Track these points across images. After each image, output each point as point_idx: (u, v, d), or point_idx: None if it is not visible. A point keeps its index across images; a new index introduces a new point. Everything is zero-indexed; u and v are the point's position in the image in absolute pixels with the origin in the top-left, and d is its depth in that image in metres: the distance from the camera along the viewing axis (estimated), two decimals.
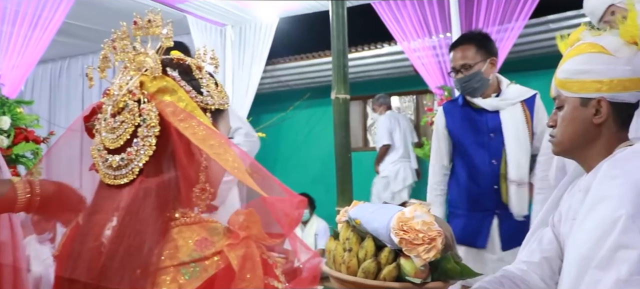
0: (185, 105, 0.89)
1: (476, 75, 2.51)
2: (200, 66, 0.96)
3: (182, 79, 0.91)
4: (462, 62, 2.52)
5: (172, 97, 0.88)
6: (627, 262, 1.08)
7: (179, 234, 0.82)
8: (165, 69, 0.90)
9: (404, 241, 1.13)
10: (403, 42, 4.85)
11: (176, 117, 0.86)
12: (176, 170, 0.85)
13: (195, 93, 0.91)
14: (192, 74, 0.93)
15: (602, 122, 1.30)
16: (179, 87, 0.89)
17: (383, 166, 6.06)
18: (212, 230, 0.83)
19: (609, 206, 1.14)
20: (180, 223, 0.84)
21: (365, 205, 1.34)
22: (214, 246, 0.80)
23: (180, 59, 0.95)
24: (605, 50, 1.30)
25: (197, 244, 0.80)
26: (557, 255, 1.42)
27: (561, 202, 1.46)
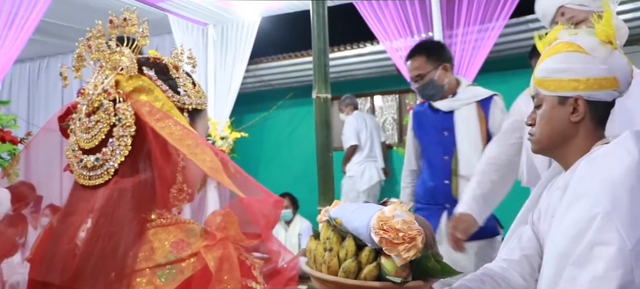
0: (162, 104, 0.87)
1: (430, 83, 2.72)
2: (177, 65, 0.95)
3: (159, 78, 0.89)
4: (416, 73, 2.72)
5: (148, 97, 0.87)
6: (603, 259, 1.09)
7: (155, 236, 0.80)
8: (141, 68, 0.89)
9: (384, 241, 1.13)
10: (385, 41, 4.86)
11: (152, 116, 0.84)
12: (152, 170, 0.84)
13: (172, 92, 0.90)
14: (169, 73, 0.92)
15: (580, 120, 1.31)
16: (156, 87, 0.88)
17: (349, 166, 6.18)
18: (188, 231, 0.82)
19: (586, 203, 1.16)
20: (156, 224, 0.82)
21: (345, 204, 1.34)
22: (190, 247, 0.79)
23: (156, 58, 0.94)
24: (582, 50, 1.32)
25: (173, 245, 0.79)
26: (537, 253, 1.44)
27: (540, 200, 1.47)
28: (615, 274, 1.08)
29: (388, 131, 6.93)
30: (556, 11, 1.84)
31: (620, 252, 1.08)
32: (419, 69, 2.71)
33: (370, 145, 6.19)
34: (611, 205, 1.12)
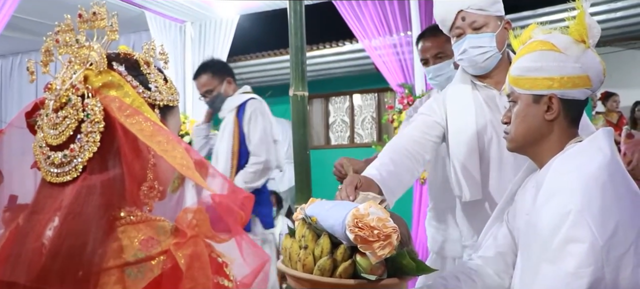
0: (132, 100, 0.86)
1: (218, 97, 3.25)
2: (149, 61, 0.93)
3: (129, 74, 0.88)
4: (205, 89, 3.22)
5: (118, 92, 0.85)
6: (575, 256, 1.11)
7: (124, 234, 0.79)
8: (111, 63, 0.87)
9: (359, 238, 1.13)
10: (364, 40, 4.87)
11: (122, 112, 0.83)
12: (122, 167, 0.82)
13: (143, 88, 0.88)
14: (140, 69, 0.91)
15: (554, 118, 1.33)
16: (126, 82, 0.86)
17: None
18: (159, 229, 0.81)
19: (559, 201, 1.17)
20: (125, 222, 0.81)
21: (322, 202, 1.33)
22: (160, 245, 0.78)
23: (127, 54, 0.92)
24: (556, 48, 1.33)
25: (142, 243, 0.78)
26: (512, 250, 1.45)
27: (516, 198, 1.48)
28: (586, 271, 1.09)
29: (367, 130, 6.95)
30: (456, 16, 1.83)
31: (592, 249, 1.10)
32: (207, 86, 3.21)
33: (287, 147, 6.25)
34: (583, 202, 1.13)
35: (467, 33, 1.82)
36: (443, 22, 1.90)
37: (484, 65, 1.83)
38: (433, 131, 1.86)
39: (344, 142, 7.10)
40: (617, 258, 1.11)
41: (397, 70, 4.75)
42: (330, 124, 7.22)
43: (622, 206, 1.16)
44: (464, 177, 1.81)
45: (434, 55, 2.37)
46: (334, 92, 7.02)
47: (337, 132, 7.17)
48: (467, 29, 1.82)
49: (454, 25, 1.84)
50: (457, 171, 1.83)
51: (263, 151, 3.14)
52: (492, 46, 1.80)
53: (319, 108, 7.22)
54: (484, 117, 1.83)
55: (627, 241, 1.12)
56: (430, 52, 2.38)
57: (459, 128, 1.85)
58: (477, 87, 1.89)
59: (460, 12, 1.82)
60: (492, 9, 1.82)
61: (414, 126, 1.87)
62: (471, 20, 1.80)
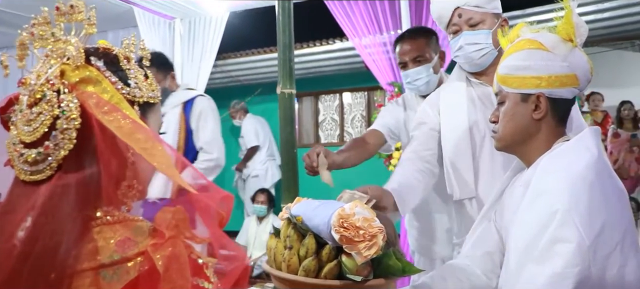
0: (110, 96, 0.83)
1: (163, 92, 3.05)
2: (129, 56, 0.91)
3: (108, 69, 0.85)
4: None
5: (95, 88, 0.83)
6: (562, 256, 1.10)
7: (100, 235, 0.76)
8: (89, 58, 0.84)
9: (344, 238, 1.11)
10: (354, 38, 4.85)
11: (99, 109, 0.80)
12: (99, 166, 0.80)
13: (122, 84, 0.86)
14: (119, 64, 0.88)
15: (542, 117, 1.32)
16: (104, 78, 0.84)
17: (253, 165, 6.44)
18: (136, 229, 0.79)
19: (546, 200, 1.16)
20: (101, 222, 0.78)
21: (307, 202, 1.31)
22: (137, 246, 0.75)
23: (106, 49, 0.89)
24: (544, 47, 1.32)
25: (118, 244, 0.75)
26: (499, 249, 1.44)
27: (503, 197, 1.47)
28: (573, 271, 1.08)
29: (356, 128, 6.94)
30: (452, 13, 1.83)
31: (579, 248, 1.09)
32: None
33: (269, 145, 6.52)
34: (571, 202, 1.12)
35: (464, 30, 1.81)
36: (440, 18, 1.89)
37: (479, 62, 1.83)
38: (432, 143, 1.87)
39: (333, 141, 7.09)
40: (604, 258, 1.10)
41: (387, 68, 4.74)
42: (320, 122, 7.20)
43: (609, 205, 1.15)
44: (454, 175, 1.81)
45: (413, 59, 2.29)
46: (324, 91, 7.00)
47: (327, 130, 7.16)
48: (463, 26, 1.81)
49: (451, 22, 1.84)
50: (449, 168, 1.83)
51: (215, 148, 3.11)
52: (487, 43, 1.80)
53: (308, 106, 7.19)
54: (476, 115, 1.83)
55: (614, 240, 1.12)
56: (409, 55, 2.30)
57: (451, 126, 1.85)
58: (472, 84, 1.89)
59: (457, 8, 1.82)
60: (489, 6, 1.81)
61: (417, 143, 1.89)
62: (467, 17, 1.80)
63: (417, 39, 2.32)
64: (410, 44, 2.31)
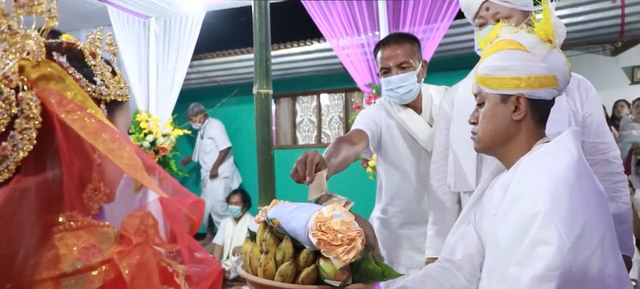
0: (74, 94, 0.78)
1: None
2: (95, 52, 0.86)
3: (71, 65, 0.80)
4: None
5: (58, 86, 0.78)
6: (543, 258, 1.08)
7: (62, 241, 0.71)
8: (50, 53, 0.79)
9: (322, 242, 1.07)
10: (332, 39, 4.83)
11: (62, 107, 0.75)
12: (61, 168, 0.75)
13: (87, 81, 0.81)
14: (84, 60, 0.83)
15: (521, 118, 1.31)
16: (67, 75, 0.79)
17: (224, 168, 6.49)
18: (101, 236, 0.74)
19: (527, 202, 1.15)
20: (64, 228, 0.73)
21: (284, 204, 1.27)
22: (102, 253, 0.71)
23: (70, 43, 0.84)
24: (523, 48, 1.31)
25: (82, 252, 0.70)
26: (479, 252, 1.42)
27: (483, 199, 1.46)
28: (554, 273, 1.07)
29: (334, 130, 6.92)
30: (480, 6, 1.84)
31: (559, 251, 1.07)
32: None
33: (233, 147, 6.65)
34: (551, 204, 1.11)
35: (490, 24, 1.81)
36: (467, 8, 1.90)
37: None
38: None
39: (311, 142, 7.05)
40: (585, 260, 1.09)
41: (365, 70, 4.74)
42: (297, 123, 7.16)
43: (589, 207, 1.14)
44: (455, 167, 1.86)
45: (397, 65, 2.17)
46: (301, 92, 6.96)
47: (304, 131, 7.12)
48: (490, 20, 1.81)
49: (478, 14, 1.85)
50: (452, 159, 1.89)
51: None
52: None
53: (286, 107, 7.14)
54: None
55: (594, 242, 1.11)
56: (393, 61, 2.17)
57: (461, 119, 1.86)
58: None
59: (486, 2, 1.81)
60: (518, 2, 1.80)
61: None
62: (495, 11, 1.80)
63: (402, 44, 2.19)
64: (395, 49, 2.19)
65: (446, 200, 2.03)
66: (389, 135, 2.25)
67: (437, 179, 2.06)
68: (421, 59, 2.24)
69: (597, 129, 1.83)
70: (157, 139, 5.14)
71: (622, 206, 1.84)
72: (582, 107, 1.80)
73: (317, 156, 1.44)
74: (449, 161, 1.92)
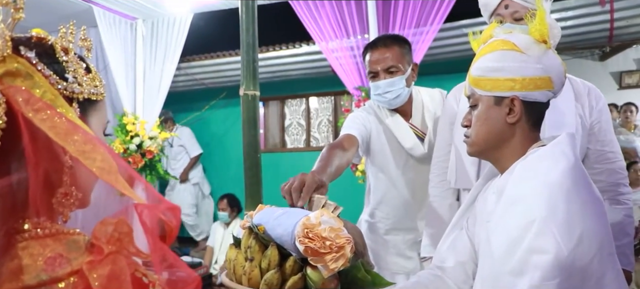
0: (43, 92, 0.73)
1: None
2: (67, 47, 0.80)
3: (41, 61, 0.74)
4: None
5: (25, 83, 0.72)
6: (540, 267, 1.04)
7: (26, 251, 0.66)
8: (18, 48, 0.74)
9: (309, 250, 1.03)
10: (321, 42, 4.78)
11: (30, 106, 0.70)
12: (28, 171, 0.69)
13: (57, 78, 0.76)
14: (55, 55, 0.78)
15: (516, 121, 1.27)
16: (36, 71, 0.73)
17: (194, 173, 6.59)
18: (70, 244, 0.68)
19: (523, 208, 1.10)
20: (29, 236, 0.68)
21: (270, 209, 1.22)
22: (70, 264, 0.65)
23: (40, 38, 0.79)
24: (517, 48, 1.28)
25: (48, 262, 0.65)
26: (472, 259, 1.38)
27: (475, 204, 1.42)
28: (551, 283, 1.03)
29: (323, 133, 6.87)
30: (499, 3, 1.80)
31: (557, 259, 1.03)
32: None
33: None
34: (548, 210, 1.06)
35: (507, 22, 1.78)
36: (485, 6, 1.87)
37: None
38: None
39: (300, 146, 7.00)
40: (582, 269, 1.05)
41: (354, 73, 4.70)
42: (286, 127, 7.10)
43: (586, 214, 1.10)
44: (457, 163, 1.87)
45: (385, 69, 2.11)
46: (290, 95, 6.91)
47: (293, 135, 7.07)
48: (508, 18, 1.77)
49: (496, 11, 1.81)
50: (454, 155, 1.87)
51: None
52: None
53: (274, 110, 7.09)
54: None
55: (591, 250, 1.07)
56: (381, 65, 2.11)
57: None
58: None
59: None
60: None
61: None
62: (513, 10, 1.76)
63: (391, 47, 2.12)
64: (383, 53, 2.12)
65: (446, 196, 2.02)
66: (378, 140, 2.20)
67: (437, 174, 2.05)
68: (411, 62, 2.18)
69: (604, 138, 1.82)
70: (143, 141, 5.06)
71: (626, 218, 1.81)
72: (591, 115, 1.78)
73: (314, 181, 1.35)
74: (451, 157, 1.92)
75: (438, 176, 2.06)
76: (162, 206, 0.69)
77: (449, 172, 1.94)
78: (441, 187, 2.04)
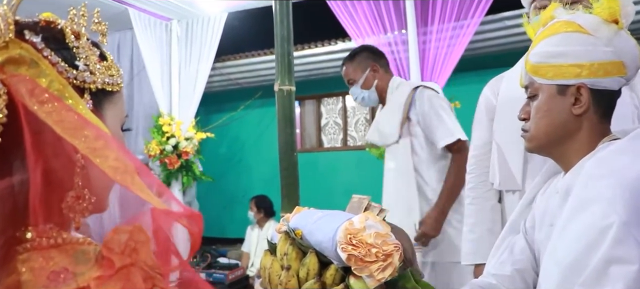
0: (50, 82, 0.64)
1: None
2: (79, 32, 0.71)
3: (47, 47, 0.66)
4: None
5: (30, 71, 0.63)
6: (621, 279, 0.89)
7: (27, 264, 0.57)
8: (22, 32, 0.65)
9: (353, 258, 0.91)
10: (358, 39, 4.67)
11: (35, 98, 0.61)
12: (33, 171, 0.60)
13: (66, 66, 0.67)
14: (65, 41, 0.69)
15: (583, 112, 1.12)
16: (42, 58, 0.64)
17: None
18: (77, 256, 0.59)
19: (597, 211, 0.96)
20: (32, 246, 0.58)
21: (309, 212, 1.12)
22: (75, 279, 0.56)
23: (49, 22, 0.70)
24: (583, 30, 1.13)
25: (51, 277, 0.55)
26: (531, 267, 1.24)
27: (534, 205, 1.28)
28: None
29: (360, 132, 6.75)
30: None
31: None
32: None
33: None
34: (628, 213, 0.92)
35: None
36: None
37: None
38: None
39: (337, 145, 6.90)
40: None
41: (392, 69, 4.55)
42: (322, 126, 7.01)
43: None
44: (499, 162, 1.75)
45: (347, 82, 2.68)
46: (326, 93, 6.81)
47: (330, 134, 6.96)
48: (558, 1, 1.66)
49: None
50: (495, 153, 1.78)
51: None
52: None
53: (310, 109, 7.00)
54: None
55: None
56: (345, 80, 2.69)
57: (507, 111, 1.71)
58: None
59: None
60: None
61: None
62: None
63: (345, 64, 2.69)
64: (342, 70, 2.71)
65: (488, 197, 1.92)
66: None
67: (477, 174, 1.94)
68: (367, 67, 2.61)
69: None
70: (179, 142, 5.05)
71: None
72: None
73: None
74: (493, 156, 1.81)
75: (477, 176, 1.96)
76: (183, 212, 0.59)
77: (491, 172, 1.82)
78: (482, 188, 1.94)
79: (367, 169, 6.11)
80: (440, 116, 2.40)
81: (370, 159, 5.49)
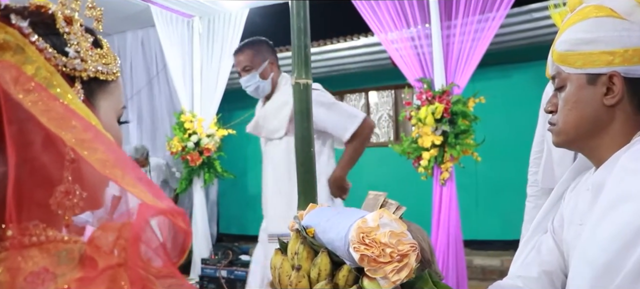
0: (37, 69, 0.60)
1: None
2: (72, 17, 0.67)
3: (35, 32, 0.62)
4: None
5: (15, 58, 0.59)
6: None
7: (4, 263, 0.52)
8: (7, 16, 0.61)
9: (366, 258, 0.85)
10: (380, 33, 4.59)
11: (20, 86, 0.57)
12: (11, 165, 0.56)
13: (55, 53, 0.63)
14: (55, 26, 0.65)
15: (616, 103, 1.04)
16: (28, 43, 0.60)
17: None
18: (61, 256, 0.55)
19: (633, 208, 0.88)
20: (12, 244, 0.54)
21: (322, 209, 1.06)
22: (55, 281, 0.51)
23: (39, 6, 0.66)
24: (616, 14, 1.05)
25: (29, 279, 0.51)
26: (560, 268, 1.17)
27: (562, 203, 1.20)
28: None
29: (383, 129, 6.66)
30: None
31: None
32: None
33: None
34: None
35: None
36: None
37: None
38: None
39: None
40: None
41: (415, 64, 4.47)
42: None
43: None
44: (546, 162, 1.74)
45: (242, 69, 2.76)
46: (349, 90, 6.74)
47: None
48: None
49: None
50: (546, 152, 1.77)
51: None
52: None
53: None
54: None
55: None
56: (240, 66, 2.77)
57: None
58: None
59: None
60: None
61: None
62: None
63: (244, 51, 2.80)
64: (239, 56, 2.81)
65: (539, 196, 1.91)
66: None
67: (533, 172, 1.96)
68: (266, 59, 2.77)
69: None
70: (201, 139, 5.04)
71: None
72: None
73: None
74: (544, 153, 1.79)
75: (533, 175, 1.95)
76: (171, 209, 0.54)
77: (539, 170, 1.78)
78: (534, 186, 1.94)
79: (390, 166, 6.03)
80: (334, 109, 2.67)
81: (393, 155, 5.41)
